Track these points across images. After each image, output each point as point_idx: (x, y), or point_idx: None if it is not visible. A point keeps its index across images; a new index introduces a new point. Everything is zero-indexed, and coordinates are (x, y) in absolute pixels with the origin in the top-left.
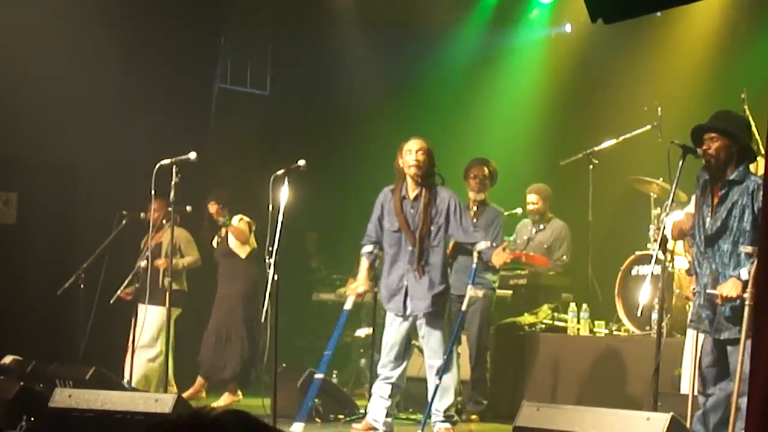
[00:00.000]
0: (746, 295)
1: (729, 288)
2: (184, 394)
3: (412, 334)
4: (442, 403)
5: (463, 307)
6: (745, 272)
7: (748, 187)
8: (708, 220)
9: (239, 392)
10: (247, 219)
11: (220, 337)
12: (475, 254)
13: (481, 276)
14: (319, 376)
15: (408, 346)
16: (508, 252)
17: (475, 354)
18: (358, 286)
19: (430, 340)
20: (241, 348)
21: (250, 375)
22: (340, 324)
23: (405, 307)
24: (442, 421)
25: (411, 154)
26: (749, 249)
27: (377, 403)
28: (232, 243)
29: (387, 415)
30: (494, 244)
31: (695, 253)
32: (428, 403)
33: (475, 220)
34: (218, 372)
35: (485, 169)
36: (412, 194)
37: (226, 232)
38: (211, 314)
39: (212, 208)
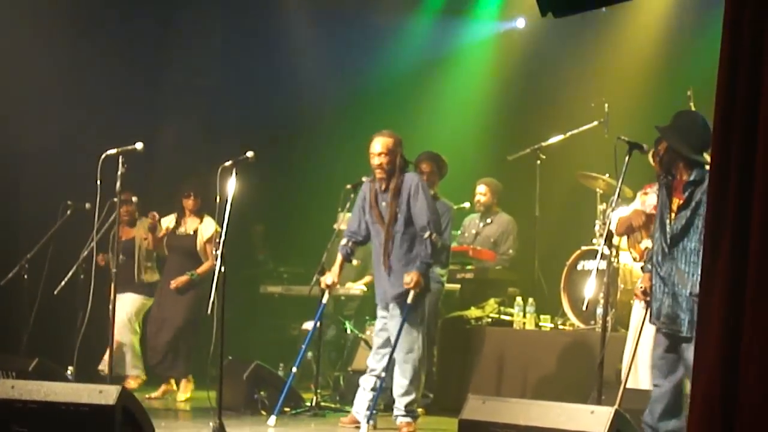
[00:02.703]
0: None
1: None
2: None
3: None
4: (402, 397)
5: (409, 300)
6: None
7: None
8: (668, 221)
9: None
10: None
11: (162, 328)
12: (423, 239)
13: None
14: (294, 369)
15: (388, 342)
16: (417, 281)
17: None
18: (326, 277)
19: (395, 332)
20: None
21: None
22: (318, 317)
23: (384, 297)
24: (404, 415)
25: (373, 158)
26: None
27: (361, 396)
28: (200, 246)
29: (369, 408)
30: (444, 235)
31: (656, 253)
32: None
33: None
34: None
35: (434, 164)
36: (383, 187)
37: (195, 229)
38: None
39: (189, 203)
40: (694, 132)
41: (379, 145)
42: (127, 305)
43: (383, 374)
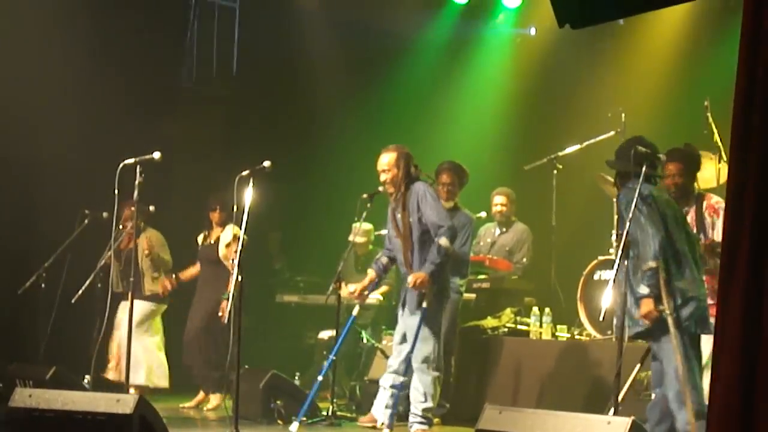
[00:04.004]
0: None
1: None
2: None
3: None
4: (422, 403)
5: (424, 304)
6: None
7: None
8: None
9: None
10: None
11: (199, 341)
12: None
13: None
14: (319, 378)
15: (404, 338)
16: (421, 281)
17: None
18: (350, 285)
19: (412, 338)
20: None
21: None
22: (346, 328)
23: (404, 303)
24: (420, 422)
25: (380, 174)
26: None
27: (380, 395)
28: (222, 252)
29: (387, 407)
30: (464, 248)
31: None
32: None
33: None
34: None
35: (454, 175)
36: (395, 200)
37: (217, 237)
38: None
39: (215, 216)
40: (626, 149)
41: (381, 161)
42: (134, 313)
43: (402, 377)
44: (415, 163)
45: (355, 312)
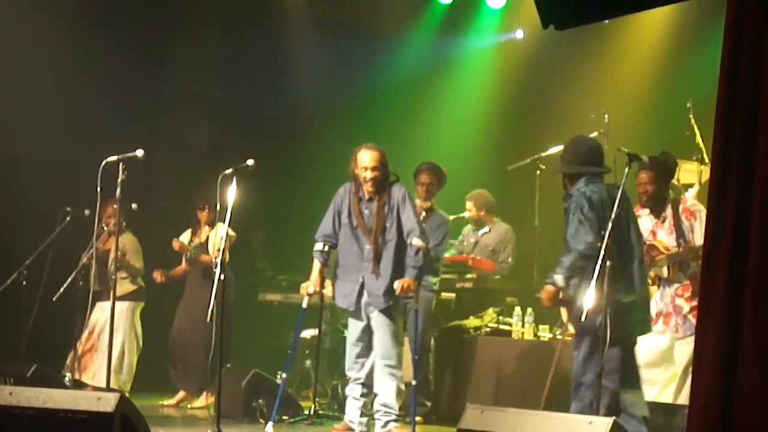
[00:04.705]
0: None
1: None
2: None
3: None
4: (397, 401)
5: (416, 305)
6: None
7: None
8: None
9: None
10: (231, 233)
11: (190, 339)
12: (409, 245)
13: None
14: (283, 375)
15: (370, 344)
16: (407, 286)
17: (418, 356)
18: (308, 285)
19: (384, 339)
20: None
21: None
22: (299, 323)
23: (359, 304)
24: (394, 421)
25: (366, 171)
26: None
27: (351, 405)
28: (213, 253)
29: (362, 415)
30: (439, 248)
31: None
32: (375, 399)
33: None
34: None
35: (433, 176)
36: (367, 196)
37: (207, 237)
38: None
39: (203, 215)
40: (572, 151)
41: (371, 158)
42: (107, 312)
43: (366, 381)
44: None
45: (304, 304)
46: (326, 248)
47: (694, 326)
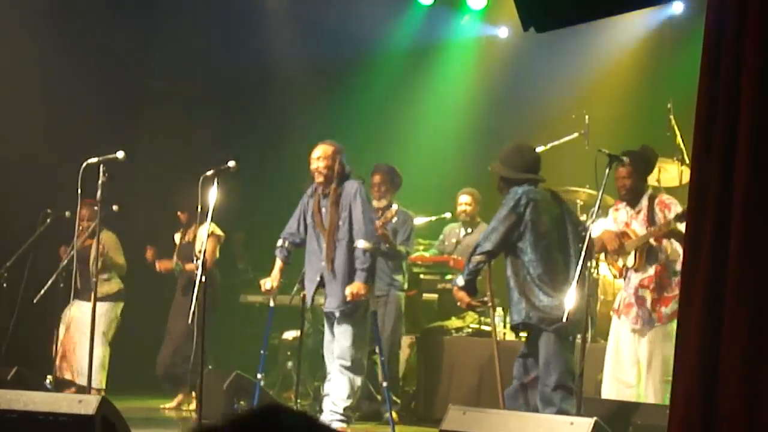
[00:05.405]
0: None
1: None
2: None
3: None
4: (345, 400)
5: (374, 307)
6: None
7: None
8: None
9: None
10: (218, 232)
11: (184, 341)
12: (355, 248)
13: (389, 277)
14: (258, 375)
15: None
16: (357, 292)
17: (387, 354)
18: (265, 281)
19: (341, 339)
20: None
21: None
22: (269, 321)
23: (313, 300)
24: (340, 420)
25: (312, 162)
26: None
27: (327, 403)
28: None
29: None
30: (408, 242)
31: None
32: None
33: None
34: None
35: (385, 176)
36: (324, 192)
37: (194, 237)
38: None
39: (184, 217)
40: (512, 156)
41: (318, 151)
42: (85, 311)
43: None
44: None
45: (272, 303)
46: (286, 244)
47: (655, 320)
